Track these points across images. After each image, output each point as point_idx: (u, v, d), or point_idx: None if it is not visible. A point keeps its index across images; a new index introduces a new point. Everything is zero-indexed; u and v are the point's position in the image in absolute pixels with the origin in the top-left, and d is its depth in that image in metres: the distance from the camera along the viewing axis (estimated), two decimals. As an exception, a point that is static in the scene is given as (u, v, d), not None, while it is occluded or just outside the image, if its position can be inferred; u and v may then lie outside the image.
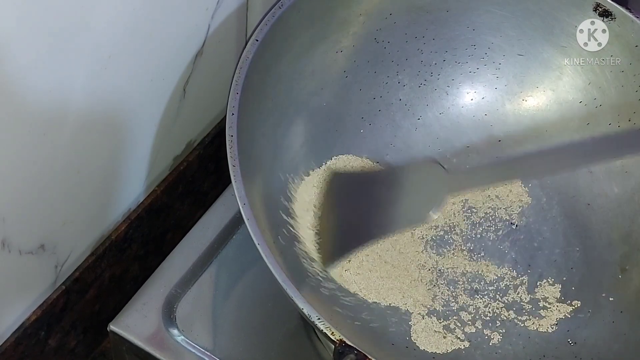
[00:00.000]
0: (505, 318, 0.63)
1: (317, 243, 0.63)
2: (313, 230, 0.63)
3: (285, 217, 0.62)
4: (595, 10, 0.65)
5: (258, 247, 0.51)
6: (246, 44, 0.58)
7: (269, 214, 0.58)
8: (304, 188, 0.65)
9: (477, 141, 0.70)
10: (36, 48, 0.48)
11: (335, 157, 0.67)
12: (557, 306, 0.64)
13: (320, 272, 0.61)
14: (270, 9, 0.60)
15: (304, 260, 0.61)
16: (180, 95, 0.67)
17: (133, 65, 0.59)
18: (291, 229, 0.61)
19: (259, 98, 0.60)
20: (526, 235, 0.68)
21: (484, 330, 0.62)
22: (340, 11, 0.65)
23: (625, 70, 0.66)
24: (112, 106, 0.59)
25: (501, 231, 0.68)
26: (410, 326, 0.62)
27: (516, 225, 0.68)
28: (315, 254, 0.62)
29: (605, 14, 0.64)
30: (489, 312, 0.63)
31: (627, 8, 0.65)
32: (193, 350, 0.62)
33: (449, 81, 0.70)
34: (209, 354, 0.62)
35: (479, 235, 0.67)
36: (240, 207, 0.52)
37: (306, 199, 0.64)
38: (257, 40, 0.58)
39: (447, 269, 0.65)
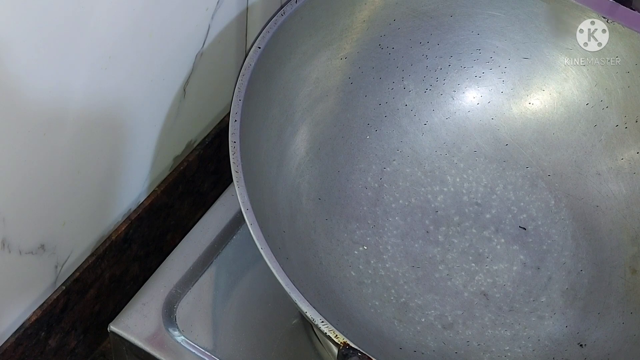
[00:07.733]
0: (514, 321, 0.63)
1: None
2: None
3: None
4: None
5: (261, 251, 0.51)
6: (248, 52, 0.58)
7: (273, 219, 0.59)
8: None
9: (484, 145, 0.70)
10: (36, 48, 0.49)
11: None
12: (567, 308, 0.63)
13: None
14: (273, 17, 0.60)
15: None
16: (180, 95, 0.67)
17: (133, 66, 0.59)
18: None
19: (263, 105, 0.60)
20: (535, 238, 0.67)
21: (493, 333, 0.62)
22: (343, 18, 0.65)
23: (631, 71, 0.65)
24: (112, 106, 0.59)
25: (510, 234, 0.68)
26: (417, 329, 0.62)
27: (525, 229, 0.68)
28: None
29: (609, 14, 0.64)
30: (498, 315, 0.63)
31: (631, 8, 0.64)
32: (193, 351, 0.62)
33: (455, 86, 0.70)
34: (209, 354, 0.62)
35: (488, 238, 0.67)
36: (244, 212, 0.52)
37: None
38: (259, 48, 0.59)
39: (455, 272, 0.65)
